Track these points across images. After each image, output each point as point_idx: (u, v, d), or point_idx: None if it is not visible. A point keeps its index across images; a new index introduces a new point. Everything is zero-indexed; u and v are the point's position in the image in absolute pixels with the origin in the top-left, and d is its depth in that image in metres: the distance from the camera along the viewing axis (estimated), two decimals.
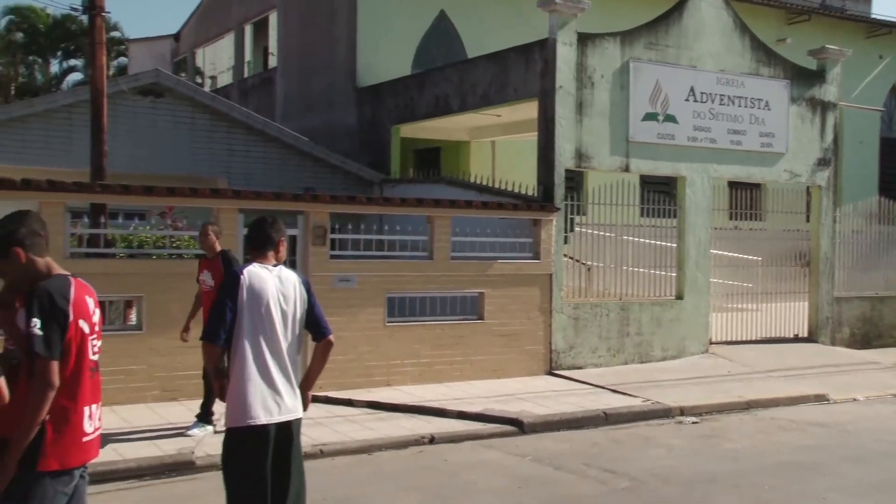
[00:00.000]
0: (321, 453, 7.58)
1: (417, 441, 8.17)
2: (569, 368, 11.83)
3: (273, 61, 21.98)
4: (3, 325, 3.66)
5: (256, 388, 4.28)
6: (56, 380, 3.49)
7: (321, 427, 8.22)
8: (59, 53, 36.29)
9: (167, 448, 7.40)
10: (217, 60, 26.00)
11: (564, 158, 12.13)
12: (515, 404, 9.59)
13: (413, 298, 11.13)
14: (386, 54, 17.66)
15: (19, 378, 3.43)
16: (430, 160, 18.81)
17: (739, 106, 13.69)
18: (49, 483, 3.52)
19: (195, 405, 9.06)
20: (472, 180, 14.33)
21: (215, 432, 7.65)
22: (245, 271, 4.42)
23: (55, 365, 3.49)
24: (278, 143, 16.07)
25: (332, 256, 10.36)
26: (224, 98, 17.48)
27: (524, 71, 12.96)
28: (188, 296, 9.29)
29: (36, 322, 3.46)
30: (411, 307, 11.15)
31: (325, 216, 10.27)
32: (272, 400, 4.31)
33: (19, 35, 34.56)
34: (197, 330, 7.27)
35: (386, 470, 7.30)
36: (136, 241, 10.65)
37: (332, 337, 4.65)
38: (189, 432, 7.82)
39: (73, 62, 36.33)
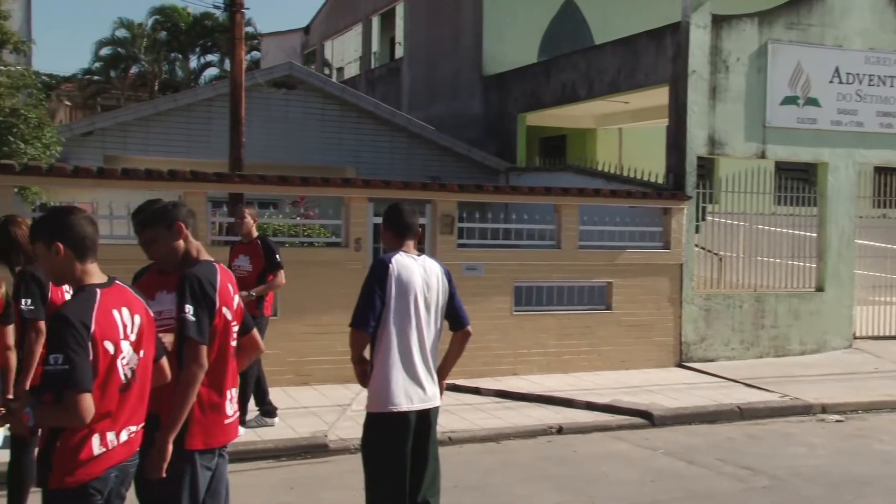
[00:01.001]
0: (450, 440, 7.65)
1: (545, 431, 8.13)
2: (699, 361, 11.47)
3: (400, 51, 22.25)
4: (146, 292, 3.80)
5: (399, 376, 4.32)
6: (206, 363, 3.62)
7: (449, 414, 8.28)
8: (197, 49, 37.88)
9: (301, 430, 7.63)
10: (345, 52, 26.57)
11: (696, 145, 11.74)
12: (644, 396, 9.38)
13: (540, 287, 11.06)
14: (512, 42, 17.56)
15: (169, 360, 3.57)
16: (556, 148, 18.60)
17: (891, 86, 12.84)
18: (196, 461, 3.67)
19: (327, 389, 9.35)
20: (599, 168, 14.09)
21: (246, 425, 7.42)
22: (393, 260, 4.40)
23: (205, 349, 3.62)
24: (405, 133, 16.28)
25: (460, 245, 10.42)
26: (352, 89, 17.83)
27: (655, 56, 12.60)
28: (319, 283, 9.58)
29: (189, 308, 3.60)
30: (538, 296, 11.09)
31: (452, 205, 10.33)
32: (414, 388, 4.35)
33: (163, 34, 36.31)
34: None
35: (515, 459, 7.29)
36: (270, 229, 11.03)
37: (470, 327, 4.67)
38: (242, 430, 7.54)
39: (209, 57, 37.89)
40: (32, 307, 4.77)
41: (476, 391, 9.57)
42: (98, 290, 3.13)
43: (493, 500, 6.21)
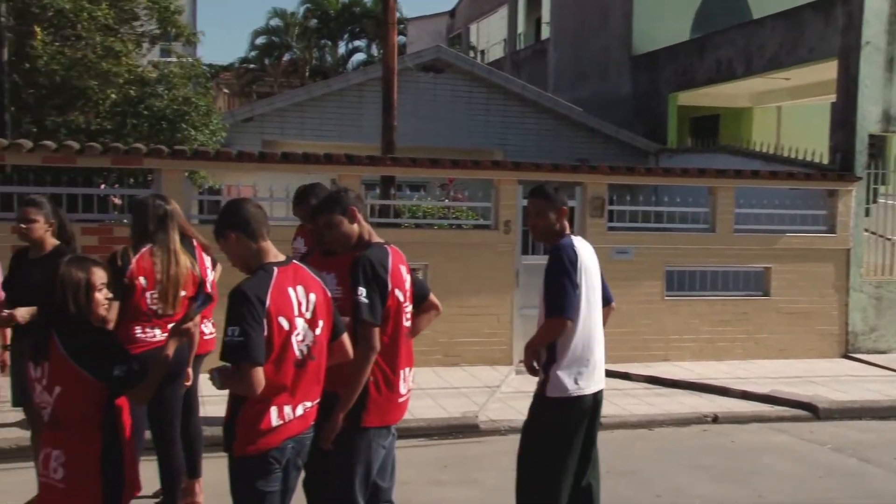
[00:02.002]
0: (601, 425, 7.53)
1: (700, 419, 7.90)
2: (868, 352, 10.80)
3: (546, 32, 22.05)
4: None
5: (583, 359, 4.26)
6: (378, 344, 3.73)
7: None
8: (345, 36, 38.91)
9: (453, 411, 7.74)
10: (489, 34, 26.60)
11: (868, 122, 10.99)
12: (806, 387, 8.94)
13: (693, 272, 10.72)
14: (663, 20, 17.02)
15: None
16: (708, 128, 17.92)
17: None
18: (371, 437, 3.81)
19: (475, 370, 9.45)
20: (755, 149, 13.47)
21: None
22: (575, 243, 4.29)
23: (377, 331, 3.73)
24: (552, 115, 16.14)
25: (610, 228, 10.24)
26: (499, 71, 17.82)
27: (822, 28, 11.89)
28: (468, 265, 9.66)
29: (362, 290, 3.71)
30: (691, 281, 10.76)
31: (603, 187, 10.17)
32: (595, 370, 4.32)
33: (314, 21, 37.50)
34: None
35: (668, 446, 7.13)
36: (420, 211, 11.22)
37: (614, 304, 4.64)
38: None
39: (357, 43, 38.85)
40: None
41: (626, 376, 9.41)
42: (275, 269, 3.29)
43: (648, 487, 6.09)
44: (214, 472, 5.31)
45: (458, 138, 15.42)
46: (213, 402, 5.43)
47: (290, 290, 3.30)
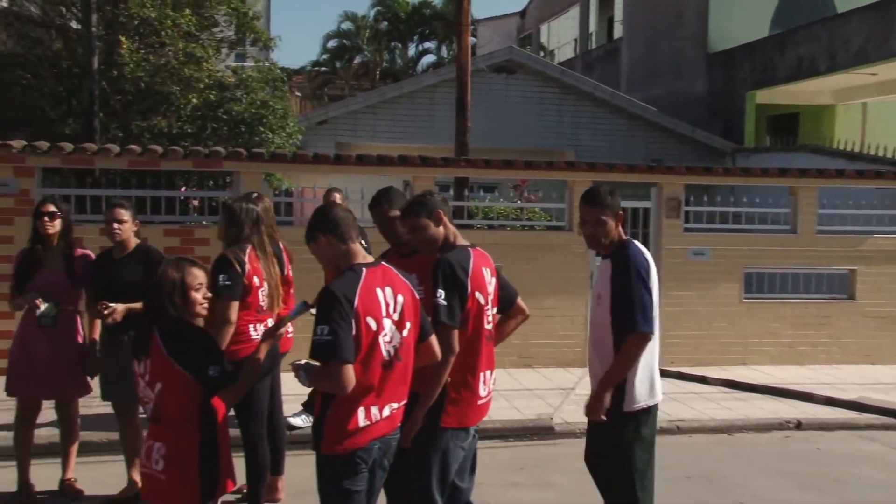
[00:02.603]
0: (678, 429, 7.44)
1: (782, 425, 7.69)
2: None
3: (618, 31, 21.81)
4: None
5: (653, 370, 4.13)
6: (456, 346, 3.73)
7: (676, 403, 8.06)
8: (415, 38, 39.17)
9: (527, 413, 7.71)
10: (560, 34, 26.44)
11: None
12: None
13: (772, 274, 10.45)
14: (740, 17, 16.66)
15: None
16: (787, 127, 17.48)
17: None
18: (449, 438, 3.82)
19: (549, 372, 9.39)
20: (838, 147, 13.06)
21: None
22: (642, 248, 4.13)
23: (456, 333, 3.73)
24: (625, 115, 15.96)
25: (686, 229, 10.06)
26: (571, 71, 17.70)
27: None
28: (541, 266, 9.61)
29: (441, 293, 3.71)
30: (770, 283, 10.48)
31: (679, 188, 9.99)
32: (658, 380, 4.18)
33: (384, 24, 37.85)
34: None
35: (749, 452, 6.96)
36: (492, 212, 11.20)
37: None
38: (292, 420, 6.79)
39: (427, 45, 39.06)
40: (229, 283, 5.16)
41: (703, 380, 9.23)
42: (364, 270, 3.33)
43: (731, 493, 5.96)
44: (295, 469, 5.43)
45: (529, 139, 15.38)
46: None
47: (378, 291, 3.33)
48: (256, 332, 4.85)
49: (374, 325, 3.28)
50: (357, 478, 3.32)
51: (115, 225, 5.15)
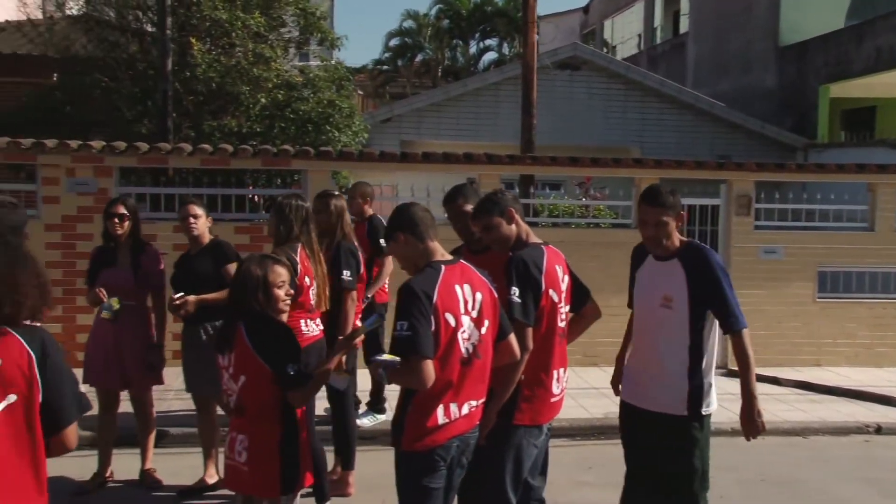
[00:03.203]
0: None
1: (860, 429, 7.47)
2: None
3: (684, 25, 21.46)
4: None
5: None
6: (530, 344, 3.72)
7: None
8: (476, 35, 39.09)
9: (594, 411, 7.65)
10: (624, 30, 26.13)
11: None
12: None
13: (848, 273, 10.14)
14: (814, 8, 16.23)
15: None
16: (862, 121, 16.95)
17: None
18: (522, 435, 3.82)
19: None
20: None
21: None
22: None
23: (530, 330, 3.72)
24: (691, 110, 15.70)
25: (757, 227, 9.85)
26: (637, 67, 17.48)
27: None
28: (607, 264, 9.48)
29: (515, 290, 3.71)
30: (846, 282, 10.18)
31: (749, 185, 9.78)
32: None
33: (445, 22, 37.88)
34: None
35: (825, 456, 6.79)
36: (558, 210, 11.13)
37: None
38: (359, 421, 6.60)
39: (488, 42, 38.93)
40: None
41: (775, 381, 9.03)
42: (443, 267, 3.34)
43: (808, 498, 5.82)
44: (366, 465, 5.49)
45: (594, 136, 15.24)
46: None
47: (457, 288, 3.34)
48: (308, 327, 4.94)
49: (452, 322, 3.28)
50: (436, 475, 3.33)
51: (191, 220, 5.29)
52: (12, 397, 2.35)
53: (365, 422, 6.83)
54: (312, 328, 5.05)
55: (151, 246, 5.58)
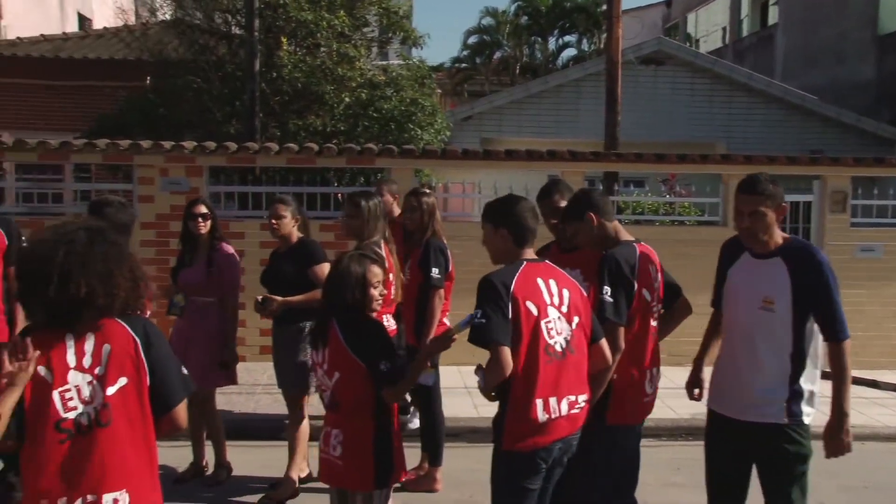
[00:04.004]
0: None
1: None
2: None
3: (773, 16, 20.83)
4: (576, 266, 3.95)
5: None
6: (622, 343, 3.69)
7: None
8: (555, 32, 38.76)
9: (681, 412, 7.49)
10: (709, 22, 25.54)
11: None
12: None
13: None
14: None
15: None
16: None
17: None
18: (616, 435, 3.79)
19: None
20: None
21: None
22: None
23: (622, 330, 3.69)
24: (781, 104, 15.23)
25: (853, 224, 9.49)
26: (724, 60, 17.05)
27: None
28: (693, 262, 9.23)
29: (607, 289, 3.68)
30: None
31: (845, 181, 9.43)
32: None
33: (524, 18, 37.69)
34: None
35: None
36: (641, 207, 10.94)
37: None
38: (411, 426, 6.59)
39: (567, 39, 38.55)
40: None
41: (873, 384, 8.68)
42: (524, 262, 3.38)
43: None
44: (453, 461, 5.51)
45: (677, 131, 14.94)
46: None
47: (539, 281, 3.34)
48: (388, 322, 5.06)
49: (534, 310, 3.26)
50: (535, 477, 3.32)
51: (274, 221, 5.37)
52: (123, 380, 2.54)
53: (416, 423, 6.59)
54: (391, 323, 5.13)
55: (225, 244, 5.61)
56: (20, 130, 11.76)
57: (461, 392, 7.66)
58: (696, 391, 4.08)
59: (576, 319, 3.39)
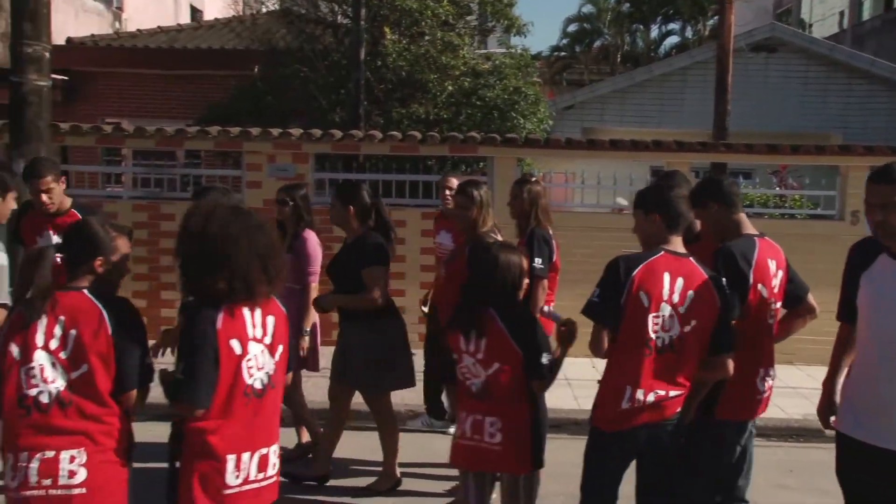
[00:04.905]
0: None
1: None
2: None
3: None
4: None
5: None
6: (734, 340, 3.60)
7: None
8: (658, 19, 37.86)
9: (791, 412, 7.26)
10: (823, 7, 24.47)
11: None
12: None
13: None
14: None
15: None
16: None
17: None
18: (723, 430, 3.72)
19: (813, 370, 8.73)
20: None
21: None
22: None
23: (734, 326, 3.57)
24: None
25: None
26: (842, 46, 16.28)
27: None
28: (805, 258, 8.76)
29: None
30: None
31: None
32: None
33: (626, 6, 36.99)
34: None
35: None
36: (750, 199, 10.58)
37: None
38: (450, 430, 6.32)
39: (670, 26, 37.60)
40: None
41: None
42: (662, 251, 3.40)
43: None
44: (556, 453, 5.46)
45: (788, 121, 14.38)
46: None
47: (667, 275, 3.34)
48: None
49: (645, 302, 3.29)
50: (617, 457, 3.45)
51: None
52: (281, 348, 2.95)
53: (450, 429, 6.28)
54: None
55: (306, 232, 5.48)
56: (134, 118, 12.29)
57: (562, 384, 7.60)
58: (833, 419, 3.55)
59: (692, 323, 3.36)
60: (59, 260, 3.08)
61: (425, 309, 6.56)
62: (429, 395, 6.45)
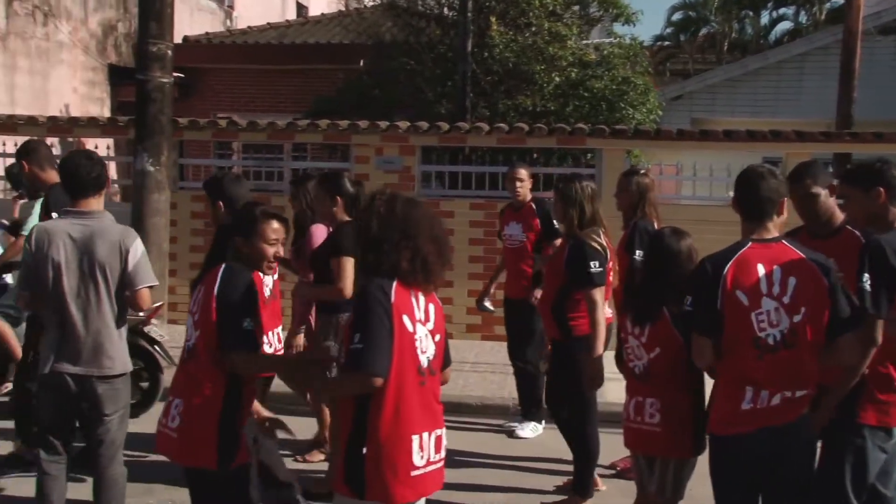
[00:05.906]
0: None
1: None
2: None
3: None
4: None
5: None
6: (879, 338, 3.39)
7: None
8: (769, 5, 36.46)
9: None
10: None
11: None
12: None
13: None
14: None
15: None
16: None
17: None
18: (866, 436, 3.49)
19: None
20: None
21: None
22: None
23: (881, 323, 3.39)
24: None
25: None
26: None
27: None
28: None
29: (866, 277, 3.40)
30: None
31: None
32: None
33: None
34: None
35: None
36: None
37: None
38: (519, 432, 6.22)
39: (782, 11, 36.14)
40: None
41: None
42: (750, 242, 3.23)
43: None
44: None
45: None
46: None
47: (761, 267, 3.18)
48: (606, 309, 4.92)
49: (744, 300, 3.14)
50: (738, 463, 3.24)
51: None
52: (438, 337, 2.99)
53: (525, 433, 6.20)
54: (608, 310, 5.02)
55: (314, 225, 5.22)
56: (244, 113, 12.60)
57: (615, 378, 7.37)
58: None
59: (802, 310, 3.17)
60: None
61: (490, 306, 6.58)
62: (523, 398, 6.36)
